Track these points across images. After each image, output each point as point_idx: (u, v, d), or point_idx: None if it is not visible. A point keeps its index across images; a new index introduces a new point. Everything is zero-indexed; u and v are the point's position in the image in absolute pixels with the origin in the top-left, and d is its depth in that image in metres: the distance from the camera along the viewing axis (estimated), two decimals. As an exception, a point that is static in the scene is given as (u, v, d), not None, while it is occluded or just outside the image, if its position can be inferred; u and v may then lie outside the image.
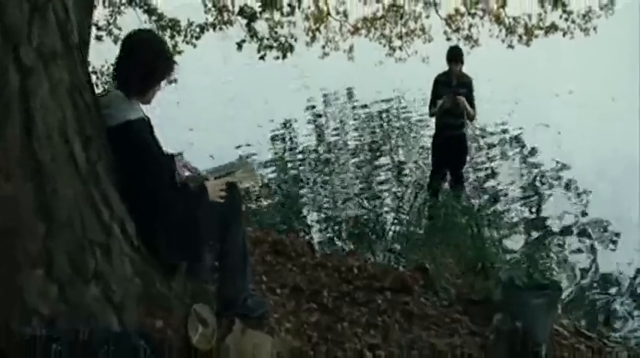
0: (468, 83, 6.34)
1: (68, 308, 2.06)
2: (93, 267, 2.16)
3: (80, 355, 1.92)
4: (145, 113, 2.57)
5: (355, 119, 12.18)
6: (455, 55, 6.34)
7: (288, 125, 11.36)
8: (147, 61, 2.48)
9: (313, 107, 13.23)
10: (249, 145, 9.22)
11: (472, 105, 6.31)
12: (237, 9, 9.24)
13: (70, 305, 2.07)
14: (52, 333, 1.92)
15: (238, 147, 9.40)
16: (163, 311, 2.43)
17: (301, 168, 8.88)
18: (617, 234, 6.08)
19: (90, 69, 2.62)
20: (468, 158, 7.08)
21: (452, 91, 6.17)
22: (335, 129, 11.37)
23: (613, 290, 5.01)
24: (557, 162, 8.59)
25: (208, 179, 2.72)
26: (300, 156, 9.44)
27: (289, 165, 8.96)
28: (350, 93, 14.58)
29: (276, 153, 9.47)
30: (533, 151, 9.37)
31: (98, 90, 4.07)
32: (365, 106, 13.14)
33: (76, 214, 2.11)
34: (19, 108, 1.90)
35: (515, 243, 5.56)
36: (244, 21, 9.28)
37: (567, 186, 7.73)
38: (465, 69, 6.38)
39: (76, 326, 2.01)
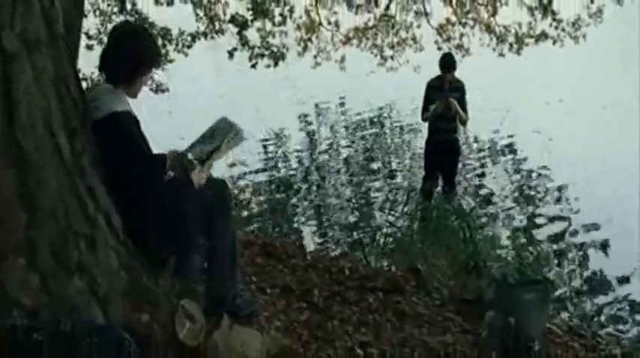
0: (461, 87, 6.35)
1: (51, 299, 2.02)
2: (77, 258, 2.12)
3: (62, 346, 1.87)
4: (131, 107, 2.55)
5: (347, 128, 12.18)
6: (447, 63, 6.35)
7: (280, 134, 11.34)
8: (133, 52, 2.47)
9: (305, 116, 13.22)
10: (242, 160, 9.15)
11: (464, 110, 6.32)
12: (228, 17, 9.28)
13: (52, 296, 2.03)
14: (33, 324, 1.87)
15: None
16: (150, 306, 2.38)
17: (293, 174, 8.84)
18: (607, 240, 6.08)
19: (80, 76, 2.58)
20: (460, 163, 7.10)
21: (444, 95, 6.18)
22: (327, 137, 11.36)
23: (605, 292, 5.00)
24: (547, 168, 8.61)
25: (194, 165, 2.67)
26: (292, 164, 9.40)
27: (281, 172, 8.92)
28: (342, 103, 14.59)
29: (267, 162, 9.43)
30: (524, 158, 9.37)
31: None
32: (357, 114, 13.15)
33: (59, 205, 2.07)
34: (0, 94, 1.86)
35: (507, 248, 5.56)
36: (235, 29, 9.32)
37: (558, 192, 7.73)
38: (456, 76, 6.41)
39: (60, 318, 1.96)
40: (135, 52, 2.48)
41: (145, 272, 2.48)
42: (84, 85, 4.43)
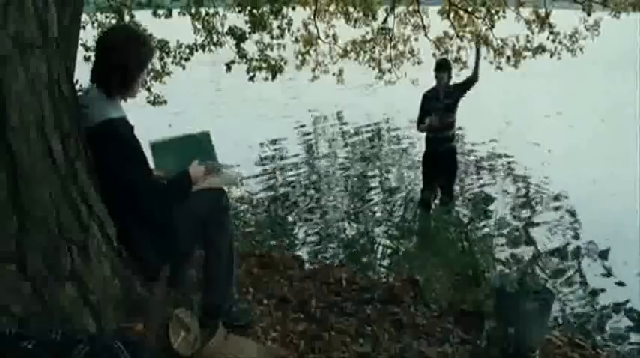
0: (452, 88, 6.38)
1: (42, 307, 1.97)
2: (69, 266, 2.07)
3: (52, 355, 1.82)
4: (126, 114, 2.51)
5: (345, 139, 12.19)
6: (440, 64, 6.45)
7: (278, 146, 11.33)
8: (122, 57, 2.42)
9: (302, 126, 13.25)
10: (239, 165, 9.14)
11: (464, 92, 6.37)
12: (226, 29, 9.29)
13: (44, 304, 1.98)
14: (23, 332, 1.83)
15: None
16: (144, 315, 2.34)
17: (291, 186, 8.81)
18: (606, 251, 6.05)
19: (78, 87, 2.55)
20: (458, 175, 7.08)
21: (436, 111, 6.24)
22: (325, 149, 11.35)
23: (604, 304, 4.96)
24: (546, 180, 8.60)
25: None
26: (289, 176, 9.37)
27: (279, 183, 8.90)
28: (340, 115, 14.63)
29: (265, 173, 9.40)
30: (523, 170, 9.36)
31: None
32: (355, 127, 13.17)
33: (52, 211, 2.03)
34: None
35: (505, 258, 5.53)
36: (233, 42, 9.34)
37: (557, 204, 7.71)
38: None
39: (50, 326, 1.92)
40: (123, 60, 2.42)
41: (139, 281, 2.44)
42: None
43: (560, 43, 10.70)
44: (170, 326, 2.39)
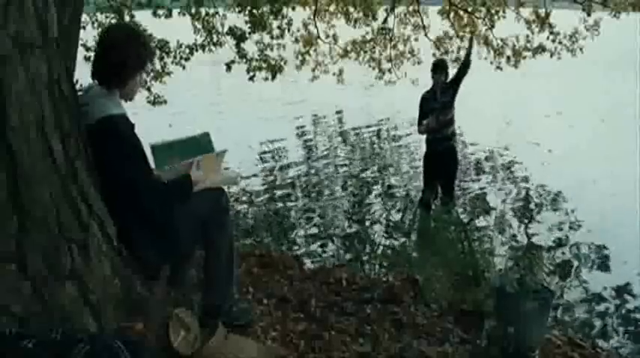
0: (448, 84, 6.38)
1: (42, 307, 1.98)
2: (69, 265, 2.07)
3: (52, 355, 1.83)
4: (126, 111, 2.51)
5: (345, 139, 12.19)
6: (436, 65, 6.48)
7: (277, 145, 11.33)
8: (122, 57, 2.44)
9: (303, 127, 13.25)
10: (239, 168, 9.13)
11: (458, 84, 6.36)
12: (226, 29, 9.29)
13: (44, 304, 1.98)
14: (23, 331, 1.83)
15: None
16: (144, 315, 2.34)
17: (291, 186, 8.81)
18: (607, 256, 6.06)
19: (78, 87, 2.56)
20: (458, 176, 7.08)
21: (434, 112, 6.27)
22: (324, 150, 11.35)
23: (603, 305, 4.97)
24: (546, 179, 8.61)
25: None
26: (289, 176, 9.36)
27: (279, 184, 8.89)
28: (340, 116, 14.63)
29: (265, 173, 9.41)
30: (523, 170, 9.36)
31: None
32: (355, 128, 13.17)
33: (52, 210, 2.03)
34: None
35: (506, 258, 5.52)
36: (233, 42, 9.34)
37: (557, 203, 7.72)
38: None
39: (50, 326, 1.92)
40: (124, 56, 2.44)
41: (139, 280, 2.45)
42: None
43: (560, 43, 10.72)
44: (170, 326, 2.39)
